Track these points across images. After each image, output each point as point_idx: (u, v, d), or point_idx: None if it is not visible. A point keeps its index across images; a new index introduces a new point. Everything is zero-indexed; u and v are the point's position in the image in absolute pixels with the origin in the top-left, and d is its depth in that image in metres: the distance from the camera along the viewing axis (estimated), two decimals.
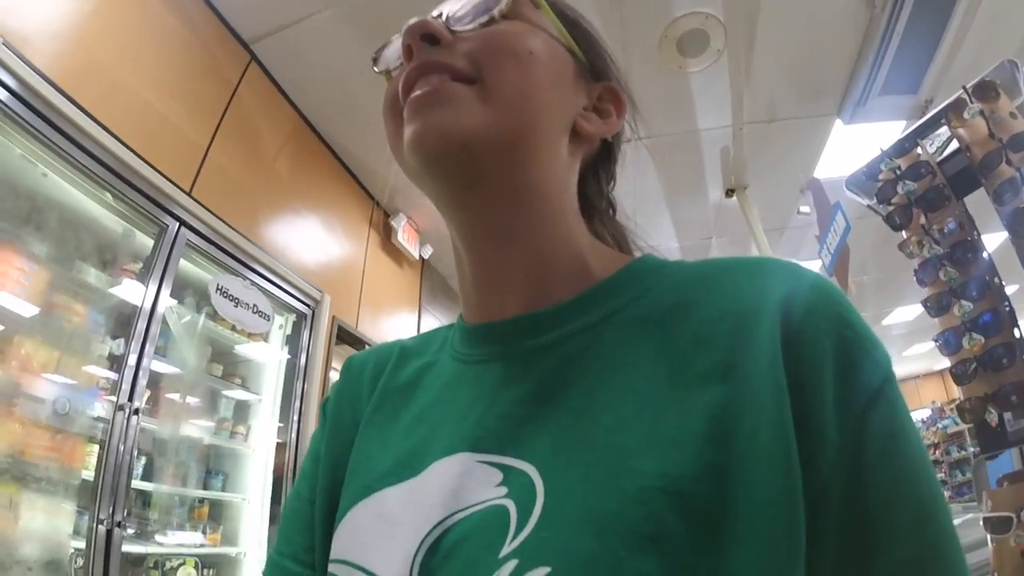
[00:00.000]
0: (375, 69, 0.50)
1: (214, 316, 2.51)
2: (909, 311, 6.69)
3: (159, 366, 2.26)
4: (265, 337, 2.84)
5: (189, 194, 2.32)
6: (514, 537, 0.32)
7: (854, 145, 3.31)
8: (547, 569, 0.30)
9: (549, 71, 0.44)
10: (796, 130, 3.38)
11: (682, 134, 3.33)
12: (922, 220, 2.06)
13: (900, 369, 10.52)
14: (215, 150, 2.50)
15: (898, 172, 2.14)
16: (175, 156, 2.28)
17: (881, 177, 2.21)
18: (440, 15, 0.45)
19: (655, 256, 0.47)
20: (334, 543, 0.42)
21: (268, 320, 2.68)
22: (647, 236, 0.56)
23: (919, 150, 2.14)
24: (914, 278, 2.08)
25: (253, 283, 2.63)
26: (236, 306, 2.53)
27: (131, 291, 2.07)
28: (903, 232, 2.13)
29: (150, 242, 2.17)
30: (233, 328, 2.62)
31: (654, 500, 0.30)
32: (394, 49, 0.48)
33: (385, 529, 0.39)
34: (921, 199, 2.07)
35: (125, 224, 2.16)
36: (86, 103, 1.88)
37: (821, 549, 0.31)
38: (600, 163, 0.53)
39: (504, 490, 0.35)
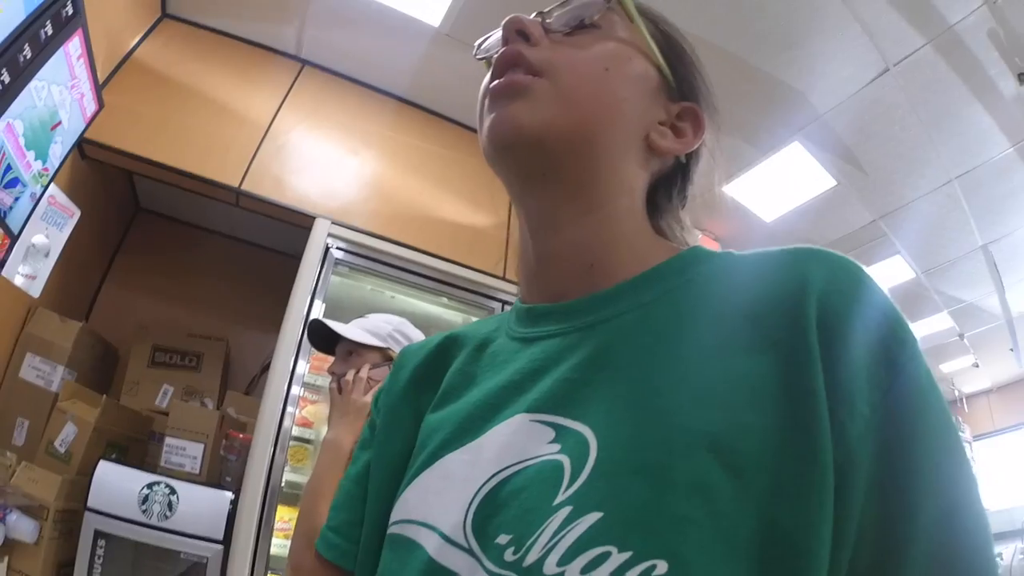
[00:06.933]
0: (475, 56, 0.53)
1: None
2: None
3: None
4: None
5: (503, 278, 2.83)
6: (568, 487, 0.35)
7: None
8: (599, 514, 0.33)
9: (623, 84, 0.47)
10: None
11: (933, 40, 2.40)
12: None
13: None
14: (514, 237, 2.96)
15: None
16: (484, 252, 2.82)
17: None
18: (548, 12, 0.49)
19: (704, 247, 0.49)
20: (397, 507, 0.45)
21: None
22: (945, 162, 0.48)
23: None
24: None
25: None
26: None
27: None
28: None
29: None
30: None
31: (698, 454, 0.33)
32: (494, 40, 0.51)
33: (447, 486, 0.42)
34: None
35: (463, 315, 2.78)
36: (404, 238, 2.58)
37: (849, 508, 0.32)
38: (673, 181, 0.54)
39: (557, 447, 0.38)
